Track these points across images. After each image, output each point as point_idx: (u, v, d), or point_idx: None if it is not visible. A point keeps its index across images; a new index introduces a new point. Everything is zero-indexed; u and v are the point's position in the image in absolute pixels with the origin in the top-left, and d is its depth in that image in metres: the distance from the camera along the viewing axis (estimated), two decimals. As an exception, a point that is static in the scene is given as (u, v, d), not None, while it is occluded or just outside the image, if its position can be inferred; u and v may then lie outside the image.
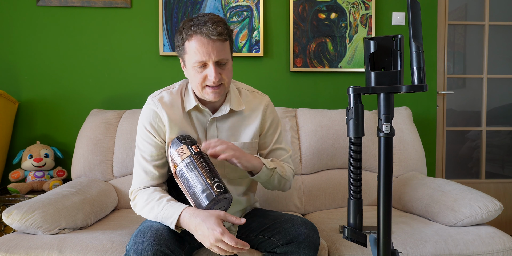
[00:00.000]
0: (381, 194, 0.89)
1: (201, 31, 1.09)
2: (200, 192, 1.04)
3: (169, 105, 1.21)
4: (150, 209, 1.13)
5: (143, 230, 1.08)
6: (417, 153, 1.93)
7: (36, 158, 1.95)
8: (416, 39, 0.84)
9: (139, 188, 1.20)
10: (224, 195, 1.04)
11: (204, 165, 1.08)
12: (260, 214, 1.31)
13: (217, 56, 1.11)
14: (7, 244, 1.23)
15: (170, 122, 1.19)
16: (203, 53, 1.10)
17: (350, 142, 0.91)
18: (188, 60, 1.14)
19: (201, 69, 1.13)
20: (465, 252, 1.31)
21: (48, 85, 2.11)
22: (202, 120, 1.24)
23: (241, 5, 2.14)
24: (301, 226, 1.15)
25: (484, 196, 1.46)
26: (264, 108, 1.30)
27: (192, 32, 1.11)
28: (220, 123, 1.25)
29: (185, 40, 1.13)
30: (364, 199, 1.81)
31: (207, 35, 1.09)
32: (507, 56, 2.67)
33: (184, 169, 1.08)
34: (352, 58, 2.20)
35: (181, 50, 1.16)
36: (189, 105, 1.22)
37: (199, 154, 1.09)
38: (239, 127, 1.27)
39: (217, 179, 1.06)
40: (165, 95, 1.23)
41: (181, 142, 1.12)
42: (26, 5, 2.09)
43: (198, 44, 1.10)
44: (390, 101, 0.88)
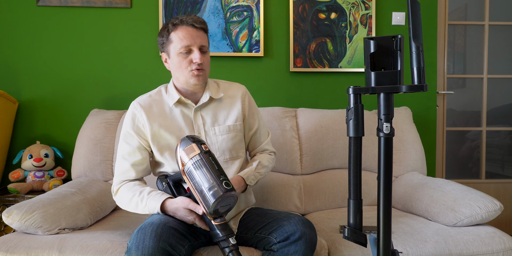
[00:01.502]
0: (381, 194, 0.89)
1: (186, 21, 1.26)
2: (207, 190, 1.06)
3: (147, 106, 1.33)
4: (135, 205, 1.24)
5: (144, 227, 1.10)
6: (417, 153, 1.93)
7: (36, 158, 1.95)
8: (416, 39, 0.84)
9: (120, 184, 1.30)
10: (231, 193, 1.06)
11: (213, 164, 1.10)
12: (258, 212, 1.32)
13: (201, 42, 1.27)
14: (7, 244, 1.23)
15: (149, 120, 1.30)
16: (188, 39, 1.25)
17: (350, 142, 0.91)
18: (173, 49, 1.27)
19: (186, 54, 1.26)
20: (465, 252, 1.31)
21: (48, 85, 2.11)
22: (187, 113, 1.34)
23: (241, 5, 2.14)
24: (298, 223, 1.17)
25: (484, 196, 1.46)
26: (242, 94, 1.42)
27: (178, 22, 1.26)
28: (204, 112, 1.35)
29: (171, 31, 1.27)
30: (364, 199, 1.81)
31: (191, 24, 1.26)
32: (507, 56, 2.67)
33: (192, 167, 1.10)
34: (352, 58, 2.20)
35: (166, 42, 1.29)
36: (172, 99, 1.32)
37: (208, 152, 1.13)
38: (222, 113, 1.37)
39: (225, 177, 1.09)
40: (144, 98, 1.36)
41: (191, 141, 1.14)
42: (26, 5, 2.09)
43: (184, 32, 1.26)
44: (390, 101, 0.88)
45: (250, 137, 1.45)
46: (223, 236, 1.08)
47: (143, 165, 1.32)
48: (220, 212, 1.10)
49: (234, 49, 2.14)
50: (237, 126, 1.37)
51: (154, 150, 1.31)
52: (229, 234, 1.09)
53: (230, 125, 1.36)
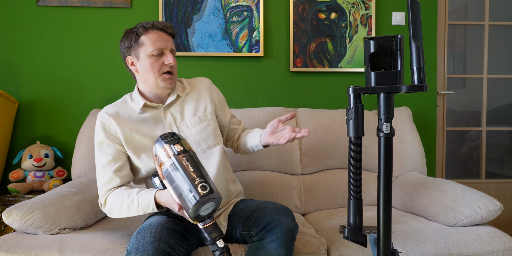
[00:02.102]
0: (381, 194, 0.89)
1: (157, 26, 1.29)
2: (185, 194, 1.01)
3: (114, 113, 1.32)
4: (127, 209, 1.20)
5: (142, 230, 1.10)
6: (417, 153, 1.93)
7: (36, 158, 1.95)
8: (416, 39, 0.84)
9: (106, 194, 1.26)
10: (209, 196, 1.00)
11: (188, 165, 1.04)
12: (242, 206, 1.32)
13: (171, 46, 1.30)
14: (8, 244, 1.23)
15: (120, 126, 1.29)
16: (161, 42, 1.27)
17: (350, 142, 0.91)
18: (145, 51, 1.27)
19: (158, 57, 1.27)
20: (465, 252, 1.31)
21: (48, 85, 2.12)
22: (156, 114, 1.34)
23: (241, 5, 2.14)
24: (273, 212, 1.18)
25: (484, 196, 1.46)
26: (207, 85, 1.44)
27: (149, 26, 1.28)
28: (172, 109, 1.35)
29: (141, 34, 1.27)
30: (364, 199, 1.81)
31: (162, 29, 1.29)
32: (507, 56, 2.67)
33: (169, 170, 1.05)
34: (352, 58, 2.20)
35: (134, 45, 1.28)
36: (138, 105, 1.32)
37: (182, 152, 1.06)
38: (190, 106, 1.37)
39: (202, 179, 1.02)
40: (110, 107, 1.35)
41: (164, 142, 1.09)
42: (26, 5, 2.09)
43: (156, 35, 1.28)
44: (390, 101, 0.88)
45: (228, 124, 1.48)
46: (210, 240, 1.04)
47: (125, 170, 1.30)
48: (202, 216, 1.04)
49: (234, 49, 2.14)
50: (207, 115, 1.38)
51: (130, 154, 1.29)
52: (216, 237, 1.04)
53: (201, 116, 1.37)
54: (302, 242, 1.31)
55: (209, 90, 1.43)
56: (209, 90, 1.43)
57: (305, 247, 1.30)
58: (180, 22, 2.12)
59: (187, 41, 2.13)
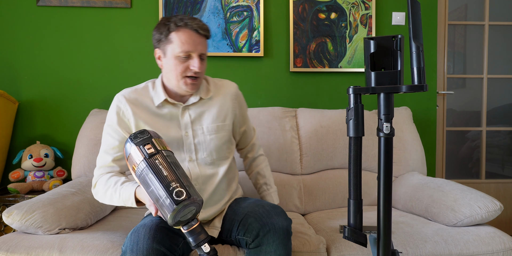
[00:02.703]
0: (381, 194, 0.89)
1: (191, 25, 1.20)
2: (162, 200, 0.93)
3: (133, 100, 1.26)
4: (110, 197, 1.18)
5: (137, 230, 1.10)
6: (417, 153, 1.93)
7: (36, 158, 1.95)
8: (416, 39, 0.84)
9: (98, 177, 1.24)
10: (187, 202, 0.91)
11: (160, 169, 0.95)
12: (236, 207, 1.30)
13: (202, 49, 1.22)
14: (8, 244, 1.23)
15: (135, 116, 1.24)
16: (190, 44, 1.19)
17: (350, 142, 0.91)
18: (172, 50, 1.20)
19: (184, 59, 1.21)
20: (465, 252, 1.31)
21: (48, 85, 2.12)
22: (174, 111, 1.28)
23: (241, 5, 2.14)
24: (263, 217, 1.16)
25: (484, 196, 1.46)
26: (233, 93, 1.37)
27: (182, 24, 1.19)
28: (192, 111, 1.30)
29: (172, 31, 1.20)
30: (364, 199, 1.81)
31: (196, 29, 1.20)
32: (507, 56, 2.67)
33: (142, 174, 0.97)
34: (352, 58, 2.20)
35: (163, 40, 1.22)
36: (158, 99, 1.27)
37: (154, 155, 0.98)
38: (211, 112, 1.31)
39: (177, 184, 0.93)
40: (130, 92, 1.29)
41: (133, 143, 1.01)
42: (26, 5, 2.09)
43: (187, 36, 1.19)
44: (390, 101, 0.88)
45: (241, 134, 1.44)
46: (195, 244, 0.95)
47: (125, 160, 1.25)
48: (183, 221, 0.96)
49: (234, 49, 2.14)
50: (225, 126, 1.33)
51: None
52: (200, 242, 0.95)
53: (219, 125, 1.31)
54: (301, 241, 1.31)
55: (234, 98, 1.37)
56: (234, 98, 1.36)
57: (305, 246, 1.30)
58: (180, 22, 2.12)
59: (187, 41, 2.12)
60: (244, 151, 1.51)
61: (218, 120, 1.32)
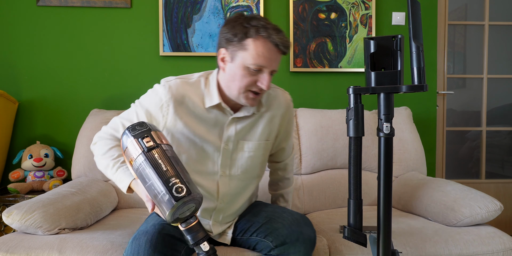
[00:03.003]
0: (381, 194, 0.89)
1: (273, 38, 1.05)
2: (160, 196, 0.89)
3: (180, 96, 1.13)
4: (106, 166, 1.12)
5: (138, 237, 1.06)
6: (417, 153, 1.93)
7: (36, 158, 1.95)
8: (416, 39, 0.84)
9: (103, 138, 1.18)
10: (187, 199, 0.88)
11: (160, 163, 0.91)
12: (252, 211, 1.28)
13: (276, 66, 1.09)
14: (7, 244, 1.23)
15: (176, 115, 1.13)
16: (266, 59, 1.05)
17: (350, 142, 0.91)
18: (243, 58, 1.06)
19: (254, 72, 1.07)
20: (465, 252, 1.31)
21: (48, 85, 2.11)
22: (220, 119, 1.17)
23: (241, 5, 2.14)
24: (292, 225, 1.13)
25: (484, 196, 1.46)
26: (285, 108, 1.26)
27: (264, 33, 1.04)
28: (240, 124, 1.18)
29: (250, 37, 1.05)
30: (364, 199, 1.80)
31: (277, 44, 1.05)
32: (507, 56, 2.67)
33: (140, 168, 0.93)
34: (352, 58, 2.20)
35: (235, 43, 1.06)
36: (210, 101, 1.14)
37: (153, 148, 0.93)
38: (258, 128, 1.21)
39: (177, 179, 0.90)
40: (180, 84, 1.14)
41: (131, 135, 0.96)
42: (26, 5, 2.09)
43: (266, 49, 1.05)
44: (390, 101, 0.88)
45: (279, 149, 1.34)
46: (193, 243, 0.92)
47: None
48: (181, 218, 0.92)
49: (234, 49, 2.14)
50: (268, 144, 1.24)
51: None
52: (200, 240, 0.92)
53: (262, 143, 1.22)
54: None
55: (284, 114, 1.26)
56: (284, 114, 1.25)
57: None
58: (180, 22, 2.12)
59: (187, 41, 2.13)
60: (275, 166, 1.41)
61: (262, 138, 1.22)
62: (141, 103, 1.17)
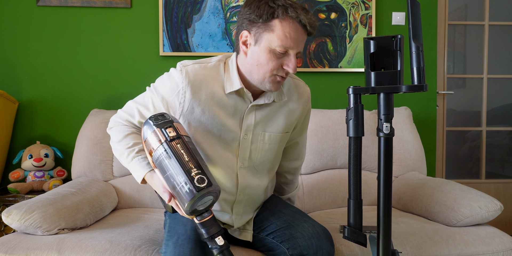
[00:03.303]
0: (381, 194, 0.89)
1: (301, 18, 0.98)
2: (180, 187, 0.88)
3: (198, 82, 1.06)
4: (121, 153, 1.08)
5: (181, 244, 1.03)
6: (417, 153, 1.93)
7: (36, 158, 1.95)
8: (416, 39, 0.84)
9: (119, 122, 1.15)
10: (208, 189, 0.88)
11: (183, 153, 0.90)
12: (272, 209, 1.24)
13: (301, 47, 1.03)
14: (7, 245, 1.23)
15: (193, 102, 1.07)
16: (293, 40, 0.99)
17: (350, 142, 0.91)
18: (268, 41, 0.99)
19: (280, 55, 1.01)
20: (465, 252, 1.31)
21: (48, 85, 2.11)
22: (240, 106, 1.10)
23: (241, 5, 2.14)
24: (313, 237, 1.10)
25: (484, 196, 1.46)
26: (305, 101, 1.21)
27: (292, 14, 0.97)
28: (259, 112, 1.12)
29: (277, 17, 0.98)
30: (364, 199, 1.81)
31: (305, 25, 0.98)
32: (507, 56, 2.67)
33: (160, 158, 0.92)
34: (352, 58, 2.20)
35: (260, 25, 1.00)
36: (230, 86, 1.07)
37: (176, 138, 0.92)
38: (276, 118, 1.15)
39: (199, 170, 0.89)
40: (198, 69, 1.08)
41: (154, 125, 0.95)
42: (26, 5, 2.09)
43: (293, 29, 0.98)
44: (390, 101, 0.88)
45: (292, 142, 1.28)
46: (208, 236, 0.93)
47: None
48: (199, 210, 0.92)
49: (234, 49, 2.14)
50: (286, 136, 1.20)
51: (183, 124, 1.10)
52: (214, 234, 0.92)
53: (283, 135, 1.17)
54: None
55: (304, 108, 1.21)
56: (303, 107, 1.21)
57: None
58: (180, 22, 2.12)
59: (187, 41, 2.13)
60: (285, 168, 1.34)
61: (282, 129, 1.17)
62: (157, 89, 1.11)
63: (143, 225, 1.46)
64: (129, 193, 1.78)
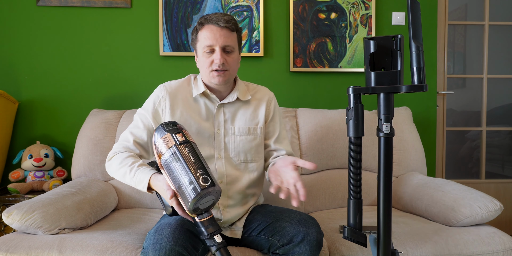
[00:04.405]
0: (381, 194, 0.89)
1: (211, 20, 1.24)
2: (185, 186, 0.97)
3: (174, 91, 1.31)
4: (123, 175, 1.18)
5: (161, 228, 1.09)
6: (417, 153, 1.93)
7: (36, 158, 1.95)
8: (416, 39, 0.84)
9: (116, 152, 1.25)
10: (211, 189, 0.97)
11: (190, 156, 1.01)
12: (262, 211, 1.31)
13: (224, 42, 1.23)
14: (7, 244, 1.23)
15: (172, 106, 1.29)
16: (211, 38, 1.22)
17: (350, 142, 0.91)
18: (199, 47, 1.26)
19: (209, 54, 1.24)
20: (465, 252, 1.31)
21: (48, 85, 2.12)
22: (210, 106, 1.32)
23: (241, 5, 2.14)
24: (300, 224, 1.15)
25: (484, 196, 1.46)
26: (269, 98, 1.41)
27: (204, 21, 1.25)
28: (227, 109, 1.33)
29: (198, 30, 1.26)
30: (364, 199, 1.80)
31: (215, 23, 1.23)
32: (507, 56, 2.67)
33: (168, 160, 1.02)
34: (352, 58, 2.20)
35: (194, 40, 1.29)
36: (196, 90, 1.31)
37: (184, 143, 1.04)
38: (245, 114, 1.35)
39: (204, 171, 0.99)
40: (173, 83, 1.34)
41: (165, 130, 1.07)
42: (26, 5, 2.09)
43: (208, 31, 1.23)
44: (390, 101, 0.88)
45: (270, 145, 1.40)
46: (207, 234, 1.00)
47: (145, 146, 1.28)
48: (201, 209, 1.00)
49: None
50: (257, 129, 1.35)
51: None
52: (214, 232, 1.00)
53: (251, 128, 1.34)
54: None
55: (268, 104, 1.40)
56: (268, 104, 1.39)
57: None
58: (180, 22, 2.12)
59: (187, 41, 2.13)
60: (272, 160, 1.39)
61: (250, 123, 1.35)
62: (144, 107, 1.32)
63: (144, 225, 1.46)
64: (129, 193, 1.78)
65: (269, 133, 1.40)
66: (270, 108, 1.40)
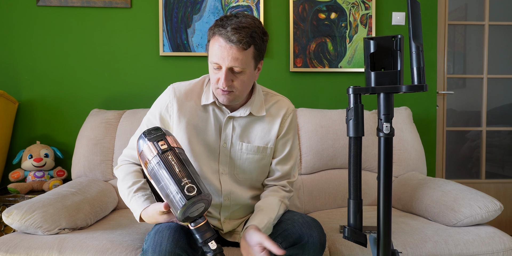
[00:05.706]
0: (381, 194, 0.89)
1: (221, 33, 1.07)
2: (172, 195, 0.94)
3: (183, 96, 1.21)
4: (123, 194, 1.16)
5: (161, 230, 1.07)
6: (417, 153, 1.93)
7: (36, 158, 1.95)
8: (416, 39, 0.84)
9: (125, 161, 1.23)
10: (198, 197, 0.93)
11: (173, 165, 0.97)
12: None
13: (231, 63, 1.08)
14: (7, 244, 1.23)
15: (179, 113, 1.20)
16: (218, 56, 1.09)
17: (350, 142, 0.91)
18: (209, 57, 1.13)
19: (216, 70, 1.12)
20: (465, 252, 1.31)
21: (48, 85, 2.11)
22: (219, 117, 1.22)
23: (241, 5, 2.14)
24: (302, 226, 1.13)
25: (484, 196, 1.46)
26: (285, 114, 1.26)
27: (217, 31, 1.09)
28: (237, 123, 1.22)
29: (211, 37, 1.12)
30: (364, 199, 1.81)
31: (226, 36, 1.07)
32: (507, 56, 2.67)
33: (154, 169, 0.98)
34: (352, 58, 2.20)
35: (208, 44, 1.15)
36: (206, 100, 1.21)
37: (167, 151, 0.99)
38: (256, 130, 1.23)
39: (189, 180, 0.95)
40: (184, 86, 1.23)
41: (147, 139, 1.02)
42: (26, 5, 2.09)
43: (217, 46, 1.09)
44: (390, 101, 0.88)
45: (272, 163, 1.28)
46: (201, 241, 0.97)
47: None
48: (192, 217, 0.97)
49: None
50: (267, 149, 1.24)
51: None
52: (208, 239, 0.97)
53: (260, 147, 1.23)
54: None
55: (283, 120, 1.26)
56: (282, 120, 1.25)
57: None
58: (180, 22, 2.12)
59: (187, 41, 2.13)
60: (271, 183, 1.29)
61: (260, 141, 1.23)
62: (151, 111, 1.25)
63: (144, 226, 1.46)
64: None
65: (277, 151, 1.27)
66: (284, 124, 1.26)
